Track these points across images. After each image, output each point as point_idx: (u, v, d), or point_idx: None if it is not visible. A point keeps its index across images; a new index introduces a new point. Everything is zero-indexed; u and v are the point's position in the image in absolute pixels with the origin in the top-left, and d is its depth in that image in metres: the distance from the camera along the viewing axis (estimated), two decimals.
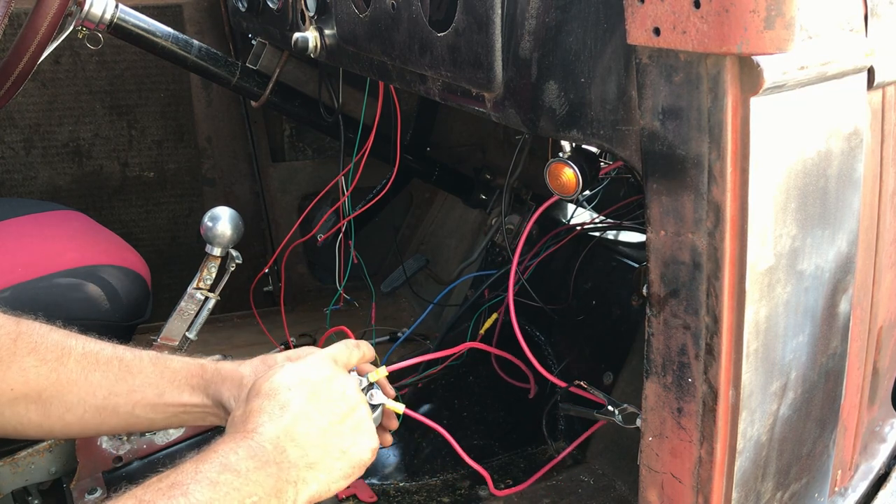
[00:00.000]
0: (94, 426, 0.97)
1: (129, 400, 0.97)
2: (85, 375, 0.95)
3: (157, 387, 0.98)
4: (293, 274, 2.19)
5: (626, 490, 1.35)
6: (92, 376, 0.95)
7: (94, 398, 0.95)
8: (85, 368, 0.95)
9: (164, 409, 0.99)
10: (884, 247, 1.00)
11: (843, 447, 1.07)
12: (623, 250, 1.60)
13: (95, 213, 1.99)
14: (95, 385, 0.95)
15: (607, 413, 1.07)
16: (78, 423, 0.96)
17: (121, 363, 0.98)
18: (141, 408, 0.98)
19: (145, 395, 0.98)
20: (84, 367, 0.95)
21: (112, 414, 0.97)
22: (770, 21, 0.62)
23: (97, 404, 0.96)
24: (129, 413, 0.97)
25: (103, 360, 0.97)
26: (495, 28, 0.90)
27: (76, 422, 0.96)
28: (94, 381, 0.95)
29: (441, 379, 1.72)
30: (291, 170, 2.19)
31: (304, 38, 1.33)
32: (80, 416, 0.95)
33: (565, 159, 0.99)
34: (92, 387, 0.95)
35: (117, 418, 0.97)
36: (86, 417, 0.96)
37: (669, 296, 0.79)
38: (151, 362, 1.00)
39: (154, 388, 0.98)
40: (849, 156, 0.83)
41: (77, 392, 0.94)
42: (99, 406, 0.96)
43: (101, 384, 0.96)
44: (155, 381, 0.98)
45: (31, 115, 1.96)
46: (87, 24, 1.42)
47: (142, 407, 0.98)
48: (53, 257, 1.44)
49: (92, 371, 0.96)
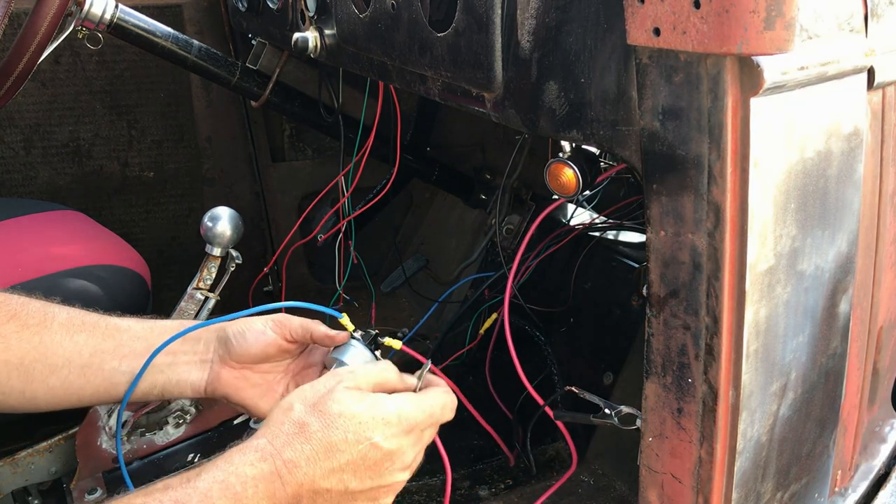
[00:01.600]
0: (77, 388, 0.95)
1: (115, 355, 0.95)
2: (70, 336, 0.94)
3: (145, 340, 0.97)
4: (293, 274, 2.19)
5: (626, 490, 1.35)
6: (77, 337, 0.94)
7: (79, 357, 0.94)
8: (70, 330, 0.94)
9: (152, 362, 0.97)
10: (884, 247, 1.00)
11: (843, 447, 1.07)
12: (623, 250, 1.60)
13: (95, 213, 1.99)
14: (81, 344, 0.94)
15: (604, 416, 1.07)
16: (61, 387, 0.94)
17: (107, 323, 0.97)
18: (128, 361, 0.96)
19: (133, 347, 0.96)
20: (69, 329, 0.94)
21: (97, 371, 0.95)
22: (770, 21, 0.62)
23: (82, 363, 0.94)
24: (115, 369, 0.95)
25: (89, 323, 0.96)
26: (495, 28, 0.90)
27: (59, 385, 0.94)
28: (80, 341, 0.94)
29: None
30: (291, 170, 2.19)
31: (304, 38, 1.33)
32: (65, 378, 0.94)
33: (565, 159, 0.99)
34: (77, 346, 0.94)
35: (102, 376, 0.95)
36: (70, 379, 0.94)
37: (669, 296, 0.79)
38: (139, 322, 1.00)
39: (143, 341, 0.97)
40: (849, 156, 0.83)
41: (62, 353, 0.93)
42: (84, 364, 0.94)
43: (86, 343, 0.94)
44: (144, 335, 0.98)
45: (31, 115, 1.96)
46: (87, 24, 1.42)
47: (129, 360, 0.96)
48: (53, 257, 1.44)
49: (78, 332, 0.94)
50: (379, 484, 0.80)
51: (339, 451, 0.76)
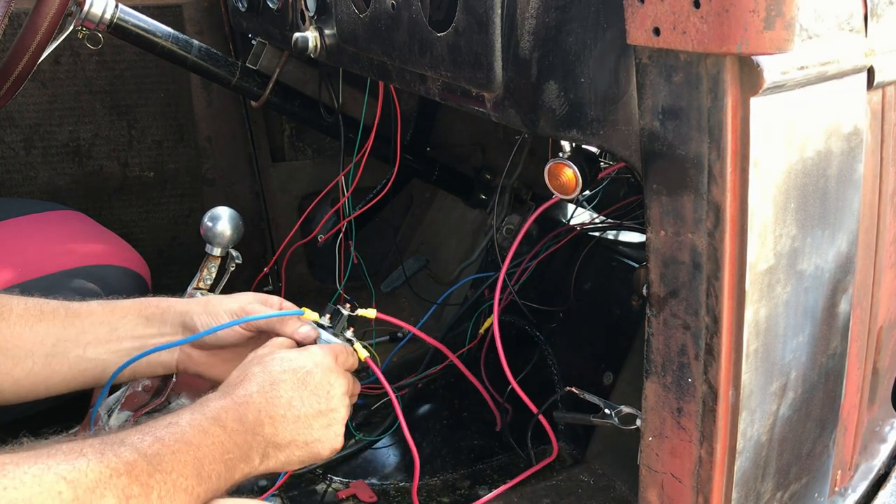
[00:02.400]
0: (44, 378, 0.96)
1: (79, 343, 0.96)
2: (30, 327, 0.94)
3: (108, 324, 0.98)
4: (293, 274, 2.19)
5: (626, 490, 1.35)
6: (37, 327, 0.95)
7: (42, 347, 0.95)
8: (28, 321, 0.95)
9: (118, 346, 0.98)
10: (884, 247, 1.00)
11: (843, 447, 1.07)
12: (623, 250, 1.60)
13: (95, 213, 1.99)
14: (42, 334, 0.95)
15: (604, 416, 1.07)
16: (27, 378, 0.95)
17: (67, 310, 0.98)
18: (92, 348, 0.97)
19: (97, 334, 0.97)
20: (27, 319, 0.95)
21: (62, 361, 0.96)
22: (770, 21, 0.62)
23: (46, 353, 0.95)
24: (80, 357, 0.97)
25: (48, 311, 0.97)
26: (495, 28, 0.90)
27: (25, 377, 0.95)
28: (41, 331, 0.95)
29: (441, 379, 1.72)
30: (291, 170, 2.19)
31: (304, 38, 1.33)
32: (30, 370, 0.95)
33: (565, 159, 0.99)
34: (39, 336, 0.95)
35: (67, 365, 0.96)
36: (35, 370, 0.95)
37: (669, 296, 0.79)
38: (99, 304, 1.00)
39: (105, 325, 0.98)
40: (849, 156, 0.83)
41: (23, 345, 0.94)
42: (48, 354, 0.95)
43: (48, 332, 0.95)
44: (105, 318, 0.98)
45: (31, 115, 1.96)
46: (87, 24, 1.42)
47: (93, 347, 0.97)
48: (53, 257, 1.44)
49: (36, 322, 0.95)
50: (327, 407, 0.92)
51: (282, 381, 0.90)
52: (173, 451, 0.74)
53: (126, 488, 0.67)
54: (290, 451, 0.90)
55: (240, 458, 0.82)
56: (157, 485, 0.70)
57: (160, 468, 0.71)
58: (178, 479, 0.72)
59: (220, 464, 0.79)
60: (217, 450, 0.79)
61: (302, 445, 0.90)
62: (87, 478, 0.64)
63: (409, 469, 1.50)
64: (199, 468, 0.76)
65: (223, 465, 0.79)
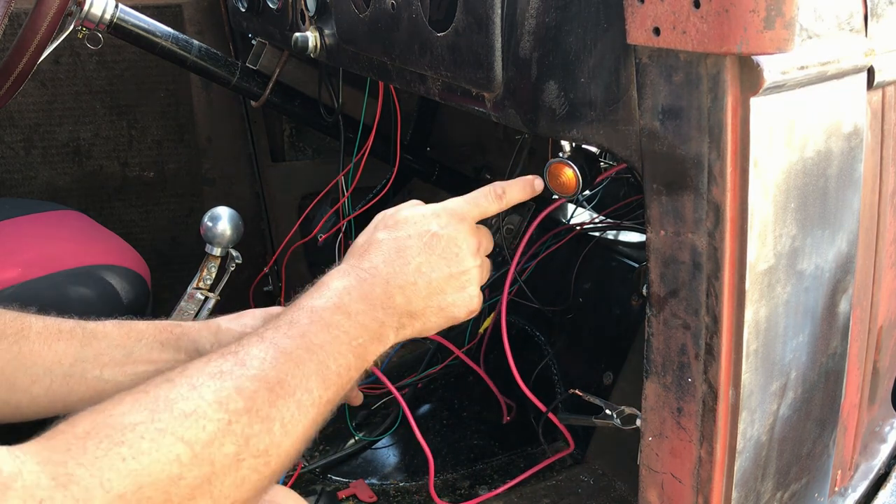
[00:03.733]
0: (62, 396, 0.96)
1: (96, 364, 0.96)
2: (49, 346, 0.94)
3: (124, 347, 0.98)
4: (293, 274, 2.19)
5: (626, 490, 1.35)
6: (56, 345, 0.94)
7: (60, 366, 0.94)
8: (47, 339, 0.94)
9: (133, 370, 0.98)
10: (884, 247, 1.00)
11: (843, 447, 1.07)
12: (623, 250, 1.60)
13: (95, 213, 1.99)
14: (61, 353, 0.94)
15: (605, 417, 1.07)
16: (45, 396, 0.94)
17: (84, 330, 0.97)
18: (109, 370, 0.96)
19: (113, 356, 0.97)
20: (46, 338, 0.94)
21: (80, 381, 0.95)
22: (770, 21, 0.62)
23: (64, 372, 0.94)
24: (98, 378, 0.96)
25: (66, 330, 0.96)
26: (495, 28, 0.90)
27: (43, 394, 0.94)
28: (59, 350, 0.94)
29: (441, 379, 1.72)
30: (291, 170, 2.19)
31: (304, 38, 1.33)
32: (48, 387, 0.94)
33: (565, 159, 0.99)
34: (57, 355, 0.94)
35: (85, 385, 0.96)
36: (53, 388, 0.94)
37: (669, 296, 0.79)
38: (116, 326, 1.00)
39: (121, 348, 0.97)
40: (849, 156, 0.83)
41: (42, 363, 0.93)
42: (66, 374, 0.95)
43: (66, 352, 0.95)
44: (121, 341, 0.98)
45: (31, 115, 1.96)
46: (87, 24, 1.42)
47: (110, 369, 0.96)
48: (53, 257, 1.44)
49: (55, 341, 0.95)
50: (457, 270, 0.89)
51: (408, 248, 0.86)
52: (296, 362, 0.72)
53: (246, 428, 0.65)
54: (426, 318, 0.87)
55: (371, 340, 0.80)
56: (278, 414, 0.68)
57: (282, 392, 0.69)
58: (303, 397, 0.71)
59: (348, 355, 0.77)
60: (342, 342, 0.77)
61: (437, 311, 0.88)
62: (206, 431, 0.62)
63: (410, 469, 1.50)
64: (325, 373, 0.74)
65: (351, 354, 0.77)
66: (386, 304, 0.83)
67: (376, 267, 0.85)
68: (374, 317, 0.81)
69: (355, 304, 0.80)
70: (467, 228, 0.92)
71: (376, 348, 0.81)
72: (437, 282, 0.87)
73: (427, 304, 0.87)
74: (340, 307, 0.79)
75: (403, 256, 0.86)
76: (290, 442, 0.70)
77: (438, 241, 0.88)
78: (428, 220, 0.89)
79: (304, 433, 0.71)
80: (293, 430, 0.69)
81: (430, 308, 0.87)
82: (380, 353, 0.82)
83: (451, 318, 0.90)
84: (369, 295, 0.82)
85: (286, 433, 0.69)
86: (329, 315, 0.78)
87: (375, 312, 0.81)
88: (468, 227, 0.92)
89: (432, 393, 1.69)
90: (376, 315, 0.81)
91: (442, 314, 0.88)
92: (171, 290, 1.91)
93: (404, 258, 0.86)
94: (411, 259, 0.86)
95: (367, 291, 0.82)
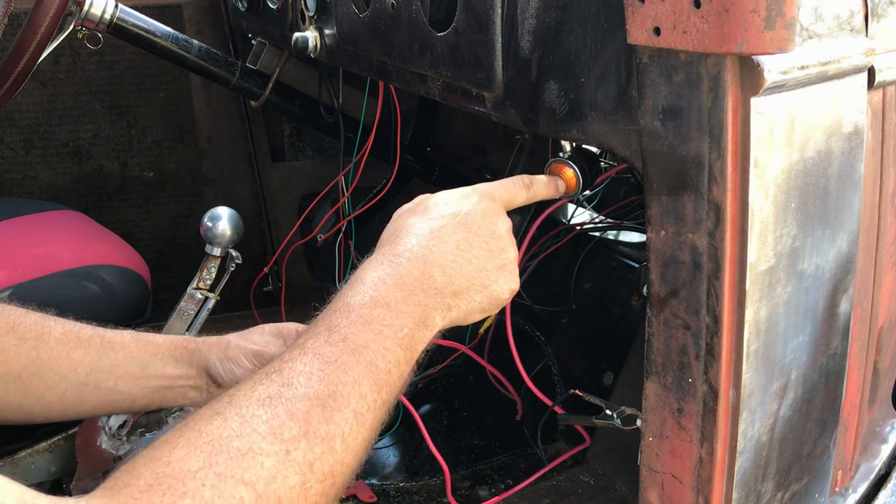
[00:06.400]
0: (74, 404, 0.96)
1: (111, 375, 0.96)
2: (66, 353, 0.94)
3: (139, 360, 0.98)
4: (293, 274, 2.19)
5: (626, 490, 1.35)
6: (73, 353, 0.94)
7: (76, 375, 0.94)
8: (66, 346, 0.94)
9: (147, 383, 0.98)
10: (884, 247, 1.00)
11: (844, 447, 1.07)
12: (623, 250, 1.60)
13: (95, 213, 1.99)
14: (77, 362, 0.94)
15: (606, 418, 1.07)
16: (58, 402, 0.94)
17: (102, 340, 0.97)
18: (123, 382, 0.97)
19: (128, 368, 0.97)
20: (65, 345, 0.94)
21: (94, 390, 0.95)
22: (770, 21, 0.62)
23: (79, 381, 0.94)
24: (111, 389, 0.96)
25: (84, 338, 0.96)
26: (495, 28, 0.90)
27: (56, 400, 0.94)
28: (76, 359, 0.94)
29: (441, 379, 1.72)
30: (291, 170, 2.19)
31: (303, 38, 1.33)
32: (62, 395, 0.94)
33: (565, 159, 0.99)
34: (74, 364, 0.94)
35: (98, 395, 0.96)
36: (67, 395, 0.94)
37: (669, 296, 0.79)
38: (133, 338, 0.99)
39: (137, 361, 0.97)
40: (849, 156, 0.83)
41: (58, 370, 0.93)
42: (81, 382, 0.95)
43: (83, 361, 0.95)
44: (138, 354, 0.98)
45: (31, 115, 1.96)
46: (86, 24, 1.42)
47: (124, 381, 0.97)
48: (53, 257, 1.44)
49: (73, 349, 0.95)
50: (496, 246, 0.84)
51: (442, 227, 0.82)
52: (344, 369, 0.68)
53: (307, 454, 0.62)
54: (471, 297, 0.81)
55: (417, 327, 0.75)
56: (337, 430, 0.64)
57: (336, 405, 0.65)
58: (358, 405, 0.67)
59: (396, 349, 0.73)
60: (387, 336, 0.73)
61: (480, 289, 0.82)
62: (265, 468, 0.59)
63: (410, 469, 1.50)
64: (375, 373, 0.70)
65: (399, 348, 0.73)
66: (426, 286, 0.78)
67: (411, 250, 0.79)
68: (416, 301, 0.76)
69: (393, 292, 0.75)
70: (499, 208, 0.88)
71: (423, 335, 0.77)
72: (478, 259, 0.82)
73: (470, 283, 0.81)
74: (378, 300, 0.74)
75: (439, 236, 0.81)
76: (353, 456, 0.67)
77: (473, 219, 0.83)
78: (459, 200, 0.85)
79: (364, 443, 0.68)
80: (354, 443, 0.66)
81: (474, 286, 0.81)
82: (428, 339, 0.77)
83: (495, 297, 0.83)
84: (407, 280, 0.77)
85: (347, 448, 0.66)
86: (368, 311, 0.73)
87: (416, 297, 0.76)
88: (500, 207, 0.88)
89: (432, 393, 1.69)
90: (418, 299, 0.76)
91: (485, 293, 0.83)
92: (170, 290, 1.91)
93: (440, 237, 0.81)
94: (447, 238, 0.81)
95: (403, 276, 0.77)
